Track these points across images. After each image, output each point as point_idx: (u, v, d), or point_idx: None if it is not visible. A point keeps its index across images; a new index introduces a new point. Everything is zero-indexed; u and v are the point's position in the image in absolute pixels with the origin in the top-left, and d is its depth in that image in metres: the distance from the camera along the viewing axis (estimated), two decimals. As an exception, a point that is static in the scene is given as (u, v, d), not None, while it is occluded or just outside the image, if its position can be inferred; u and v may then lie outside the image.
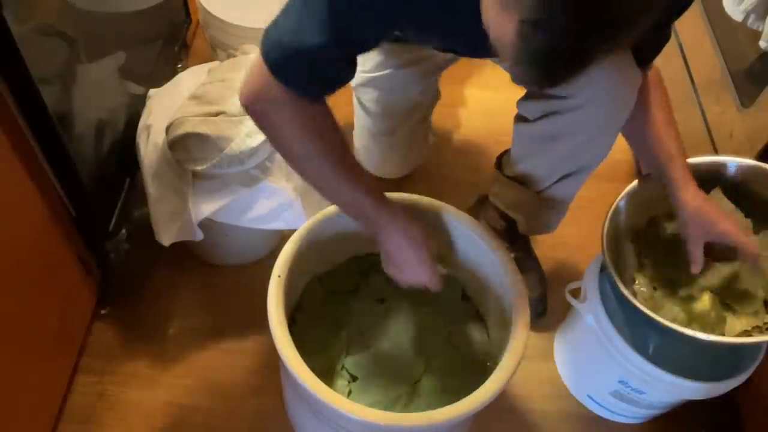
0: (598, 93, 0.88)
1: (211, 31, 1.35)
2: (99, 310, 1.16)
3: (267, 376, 1.11)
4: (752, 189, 0.96)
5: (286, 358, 0.78)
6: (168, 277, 1.23)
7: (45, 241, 0.95)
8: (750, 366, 0.94)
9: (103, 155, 1.05)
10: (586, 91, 0.88)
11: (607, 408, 1.11)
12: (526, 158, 1.02)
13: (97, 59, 1.04)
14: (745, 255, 0.88)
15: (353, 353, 0.97)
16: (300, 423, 1.01)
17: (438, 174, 1.45)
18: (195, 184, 1.02)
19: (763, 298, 0.92)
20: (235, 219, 1.05)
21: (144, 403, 1.08)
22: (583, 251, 1.28)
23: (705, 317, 0.91)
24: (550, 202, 1.05)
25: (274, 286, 0.85)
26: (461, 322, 1.01)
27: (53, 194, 0.94)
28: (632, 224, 1.00)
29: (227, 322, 1.18)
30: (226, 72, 1.07)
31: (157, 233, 1.05)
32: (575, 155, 0.96)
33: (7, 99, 0.80)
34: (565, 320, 1.18)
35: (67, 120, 0.92)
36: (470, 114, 1.58)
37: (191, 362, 1.13)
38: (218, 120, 0.99)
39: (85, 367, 1.11)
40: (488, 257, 0.93)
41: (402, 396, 0.92)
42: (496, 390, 0.79)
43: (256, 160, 1.01)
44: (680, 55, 1.31)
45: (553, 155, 0.98)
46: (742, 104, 1.09)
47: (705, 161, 0.98)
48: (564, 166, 0.98)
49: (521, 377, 1.14)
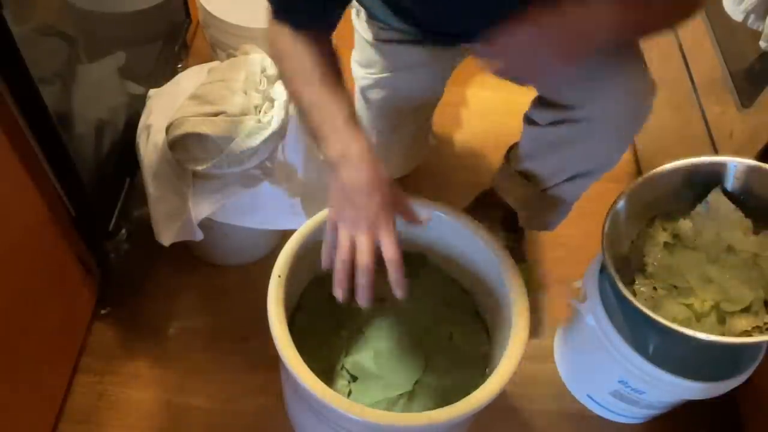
0: (608, 105, 0.87)
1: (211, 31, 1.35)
2: (99, 310, 1.16)
3: (267, 376, 1.11)
4: (752, 189, 0.96)
5: (286, 358, 0.78)
6: (168, 277, 1.23)
7: (45, 241, 0.95)
8: (750, 366, 0.94)
9: (103, 155, 1.05)
10: (597, 103, 0.87)
11: (607, 408, 1.11)
12: (534, 157, 1.02)
13: (97, 59, 1.04)
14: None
15: (353, 353, 0.97)
16: (300, 423, 1.01)
17: (437, 174, 1.45)
18: (195, 184, 1.02)
19: (762, 298, 0.92)
20: (235, 219, 1.05)
21: (144, 403, 1.08)
22: (583, 251, 1.27)
23: (705, 317, 0.91)
24: (554, 201, 1.05)
25: (274, 286, 0.85)
26: (461, 321, 1.01)
27: (53, 194, 0.94)
28: (632, 224, 1.00)
29: (227, 322, 1.18)
30: (226, 72, 1.07)
31: (157, 233, 1.05)
32: (584, 160, 0.96)
33: (7, 99, 0.80)
34: (565, 320, 1.18)
35: (67, 120, 0.92)
36: (470, 114, 1.58)
37: (191, 362, 1.13)
38: (218, 120, 0.99)
39: (85, 367, 1.11)
40: (488, 257, 0.93)
41: (402, 396, 0.92)
42: (496, 390, 0.79)
43: (256, 160, 1.01)
44: (680, 55, 1.31)
45: (561, 158, 0.97)
46: (742, 104, 1.08)
47: (705, 161, 0.98)
48: (571, 168, 0.98)
49: (521, 377, 1.14)
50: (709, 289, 0.93)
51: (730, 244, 0.95)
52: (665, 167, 0.97)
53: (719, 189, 0.97)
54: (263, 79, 1.06)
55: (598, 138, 0.91)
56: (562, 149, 0.96)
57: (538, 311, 1.25)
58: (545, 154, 1.00)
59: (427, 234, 1.02)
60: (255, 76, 1.06)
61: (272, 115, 1.01)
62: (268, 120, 1.01)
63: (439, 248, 1.03)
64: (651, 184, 0.97)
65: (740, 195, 0.97)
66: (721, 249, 0.95)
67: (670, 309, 0.93)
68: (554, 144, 0.96)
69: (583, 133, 0.91)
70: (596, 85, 0.87)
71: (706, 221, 0.97)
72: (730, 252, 0.95)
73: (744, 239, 0.95)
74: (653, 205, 0.99)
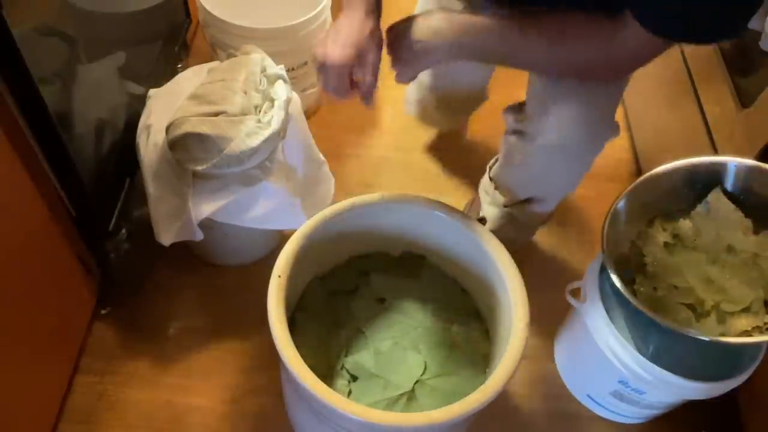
0: (557, 126, 0.89)
1: (211, 31, 1.35)
2: (99, 310, 1.16)
3: (267, 376, 1.11)
4: (752, 189, 0.96)
5: (286, 358, 0.79)
6: (168, 277, 1.23)
7: (45, 241, 0.95)
8: (750, 366, 0.94)
9: (103, 155, 1.05)
10: (547, 122, 0.90)
11: (607, 408, 1.11)
12: (502, 164, 1.07)
13: (97, 59, 1.04)
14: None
15: (353, 353, 0.97)
16: (300, 423, 1.01)
17: (438, 174, 1.46)
18: (195, 184, 1.02)
19: (763, 298, 0.92)
20: (235, 219, 1.05)
21: (144, 403, 1.08)
22: (583, 251, 1.28)
23: (705, 317, 0.91)
24: (514, 219, 1.07)
25: (274, 286, 0.85)
26: (461, 321, 1.01)
27: (53, 194, 0.94)
28: (632, 224, 1.00)
29: (227, 322, 1.18)
30: (226, 72, 1.07)
31: (157, 233, 1.05)
32: (538, 182, 0.98)
33: (7, 99, 0.80)
34: (565, 320, 1.18)
35: (67, 120, 0.92)
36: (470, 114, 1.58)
37: (191, 362, 1.13)
38: (218, 120, 0.99)
39: (85, 367, 1.11)
40: (488, 257, 0.93)
41: (402, 396, 0.92)
42: (496, 390, 0.79)
43: (256, 160, 1.01)
44: (680, 55, 1.31)
45: (518, 173, 1.00)
46: (742, 104, 1.08)
47: (705, 161, 0.98)
48: (526, 189, 1.02)
49: (521, 377, 1.14)
50: (709, 289, 0.93)
51: (730, 244, 0.95)
52: (665, 167, 0.97)
53: (719, 189, 0.97)
54: (263, 79, 1.06)
55: (547, 161, 0.94)
56: (516, 164, 1.00)
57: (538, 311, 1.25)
58: (508, 164, 1.04)
59: (427, 234, 1.02)
60: (255, 76, 1.06)
61: (272, 115, 1.01)
62: (268, 120, 1.01)
63: (439, 248, 1.03)
64: (651, 184, 0.97)
65: (740, 195, 0.97)
66: (721, 249, 0.95)
67: (670, 309, 0.93)
68: (511, 155, 1.00)
69: (534, 153, 0.94)
70: (550, 104, 0.90)
71: (706, 221, 0.97)
72: (730, 252, 0.95)
73: (744, 239, 0.95)
74: (653, 205, 0.99)
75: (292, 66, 1.35)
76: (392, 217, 1.00)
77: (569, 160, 0.93)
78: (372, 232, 1.02)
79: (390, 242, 1.05)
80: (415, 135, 1.52)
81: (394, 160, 1.48)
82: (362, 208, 0.96)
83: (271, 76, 1.07)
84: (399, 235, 1.03)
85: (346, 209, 0.95)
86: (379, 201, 0.96)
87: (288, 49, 1.31)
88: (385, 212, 0.99)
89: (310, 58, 1.38)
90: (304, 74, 1.40)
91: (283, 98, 1.03)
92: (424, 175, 1.45)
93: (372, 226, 1.01)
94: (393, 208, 0.98)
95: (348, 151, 1.48)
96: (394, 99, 1.59)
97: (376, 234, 1.03)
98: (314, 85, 1.48)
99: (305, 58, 1.37)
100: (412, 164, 1.47)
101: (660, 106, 1.41)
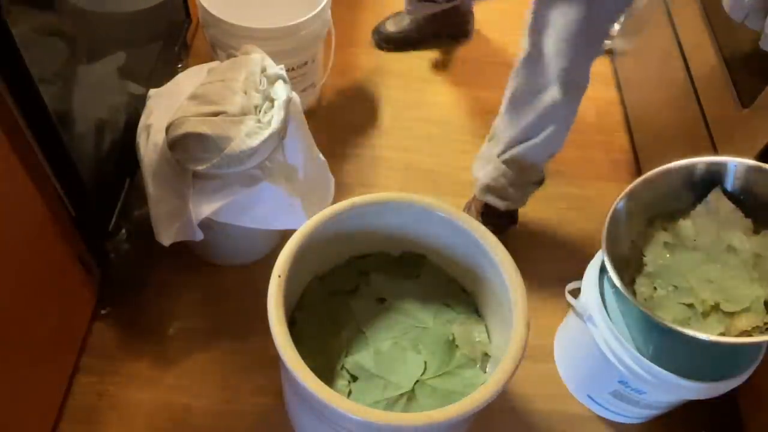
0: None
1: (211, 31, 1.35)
2: (99, 310, 1.16)
3: (267, 376, 1.11)
4: (752, 189, 0.96)
5: (286, 358, 0.79)
6: (168, 277, 1.23)
7: (45, 241, 0.95)
8: (750, 366, 0.94)
9: (103, 155, 1.05)
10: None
11: (607, 408, 1.11)
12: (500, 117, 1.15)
13: (97, 59, 1.04)
14: None
15: (353, 353, 0.97)
16: (300, 423, 1.01)
17: (438, 174, 1.46)
18: (195, 184, 1.02)
19: (763, 298, 0.92)
20: (235, 219, 1.05)
21: (144, 403, 1.08)
22: (583, 251, 1.28)
23: (705, 317, 0.91)
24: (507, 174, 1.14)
25: (274, 286, 0.85)
26: (461, 321, 1.01)
27: (53, 194, 0.94)
28: (632, 224, 1.00)
29: (227, 322, 1.18)
30: (226, 72, 1.07)
31: (157, 233, 1.05)
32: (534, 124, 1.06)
33: (7, 99, 0.80)
34: (565, 320, 1.18)
35: (67, 120, 0.92)
36: (471, 114, 1.58)
37: (191, 362, 1.13)
38: (218, 120, 0.99)
39: (85, 367, 1.11)
40: (488, 257, 0.93)
41: (402, 396, 0.92)
42: (495, 390, 0.79)
43: (256, 160, 1.01)
44: (680, 55, 1.31)
45: (518, 120, 1.08)
46: (742, 104, 1.09)
47: (705, 161, 0.98)
48: (523, 133, 1.09)
49: (521, 377, 1.14)
50: (709, 289, 0.93)
51: (730, 244, 0.95)
52: (665, 167, 0.97)
53: (719, 189, 0.97)
54: (263, 79, 1.06)
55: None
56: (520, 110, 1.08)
57: (538, 311, 1.25)
58: (506, 113, 1.12)
59: (427, 234, 1.02)
60: (255, 76, 1.06)
61: (272, 115, 1.01)
62: (268, 120, 1.01)
63: (439, 248, 1.03)
64: (651, 184, 0.97)
65: (740, 195, 0.97)
66: (721, 249, 0.95)
67: (670, 309, 0.93)
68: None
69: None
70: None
71: (706, 221, 0.97)
72: (730, 252, 0.95)
73: (744, 239, 0.95)
74: (653, 205, 0.99)
75: (292, 66, 1.35)
76: (392, 217, 1.00)
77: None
78: (372, 232, 1.02)
79: (390, 242, 1.05)
80: (415, 135, 1.52)
81: (394, 160, 1.48)
82: (362, 208, 0.96)
83: (271, 76, 1.07)
84: (399, 235, 1.03)
85: (346, 209, 0.95)
86: (379, 201, 0.96)
87: (288, 49, 1.31)
88: (385, 212, 0.99)
89: (310, 58, 1.38)
90: (304, 74, 1.40)
91: (283, 98, 1.03)
92: (424, 175, 1.45)
93: (372, 226, 1.01)
94: (393, 208, 0.98)
95: (348, 151, 1.48)
96: (394, 99, 1.59)
97: (376, 234, 1.03)
98: (314, 85, 1.48)
99: (305, 58, 1.37)
100: (412, 164, 1.47)
101: (660, 106, 1.41)
